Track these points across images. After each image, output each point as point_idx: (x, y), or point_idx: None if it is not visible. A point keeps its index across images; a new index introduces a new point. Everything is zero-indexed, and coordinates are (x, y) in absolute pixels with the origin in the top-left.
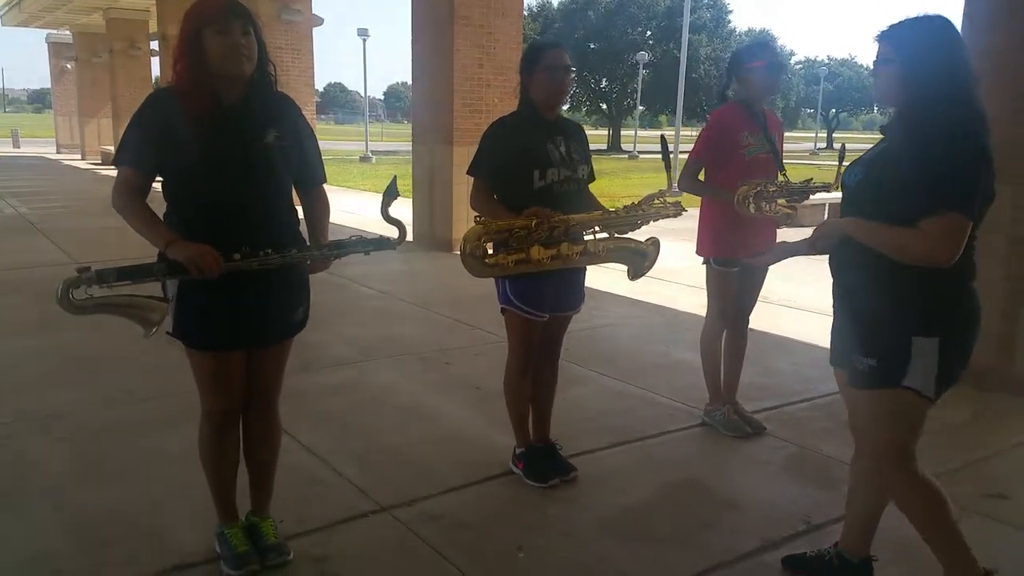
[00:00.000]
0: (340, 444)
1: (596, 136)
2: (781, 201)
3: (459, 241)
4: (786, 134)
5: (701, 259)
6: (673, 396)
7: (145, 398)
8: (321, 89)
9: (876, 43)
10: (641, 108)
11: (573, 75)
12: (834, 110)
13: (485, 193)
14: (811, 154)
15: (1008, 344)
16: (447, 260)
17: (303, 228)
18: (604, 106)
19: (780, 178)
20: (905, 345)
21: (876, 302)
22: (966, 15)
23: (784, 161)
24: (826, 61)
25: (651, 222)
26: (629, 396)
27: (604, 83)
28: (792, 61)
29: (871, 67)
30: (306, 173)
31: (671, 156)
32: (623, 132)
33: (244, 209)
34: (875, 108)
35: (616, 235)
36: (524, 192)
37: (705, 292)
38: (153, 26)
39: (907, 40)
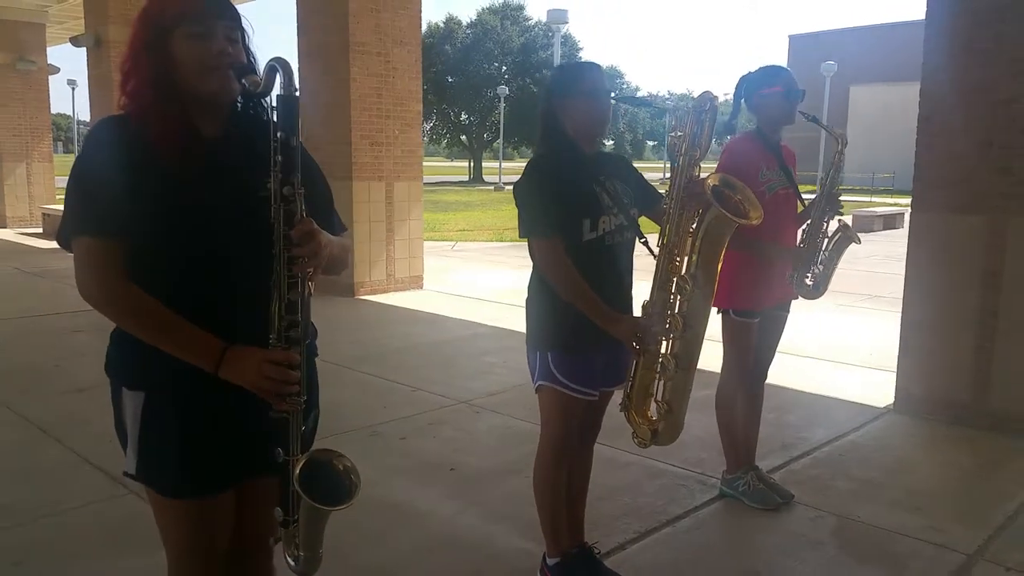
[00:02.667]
0: None
1: (458, 168)
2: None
3: (360, 286)
4: (635, 165)
5: (716, 310)
6: (671, 460)
7: (18, 523)
8: None
9: None
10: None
11: (613, 101)
12: None
13: (558, 253)
14: (660, 182)
15: (983, 379)
16: (351, 307)
17: None
18: (464, 138)
19: (800, 207)
20: None
21: None
22: (926, 49)
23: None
24: (667, 96)
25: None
26: (626, 465)
27: (464, 116)
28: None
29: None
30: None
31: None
32: (484, 164)
33: (248, 288)
34: (714, 141)
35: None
36: (571, 247)
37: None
38: None
39: None
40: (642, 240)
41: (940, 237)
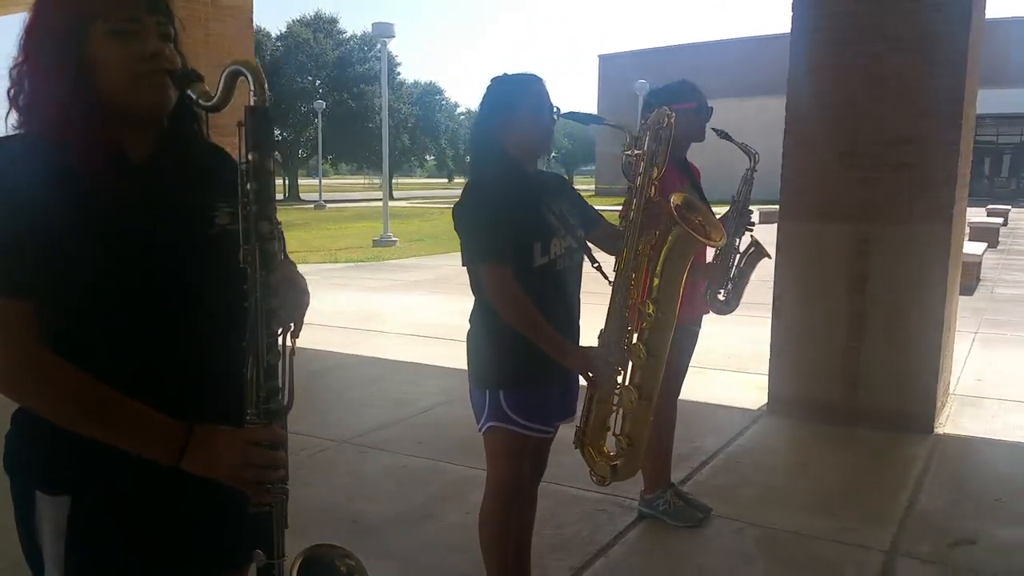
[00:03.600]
0: None
1: None
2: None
3: None
4: (457, 180)
5: None
6: (581, 484)
7: None
8: None
9: None
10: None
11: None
12: None
13: (509, 281)
14: None
15: (852, 378)
16: None
17: None
18: (277, 155)
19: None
20: None
21: None
22: (791, 65)
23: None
24: None
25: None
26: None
27: (276, 132)
28: (457, 112)
29: None
30: None
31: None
32: (300, 181)
33: (209, 351)
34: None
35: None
36: (521, 273)
37: None
38: None
39: None
40: (595, 264)
41: (808, 244)
